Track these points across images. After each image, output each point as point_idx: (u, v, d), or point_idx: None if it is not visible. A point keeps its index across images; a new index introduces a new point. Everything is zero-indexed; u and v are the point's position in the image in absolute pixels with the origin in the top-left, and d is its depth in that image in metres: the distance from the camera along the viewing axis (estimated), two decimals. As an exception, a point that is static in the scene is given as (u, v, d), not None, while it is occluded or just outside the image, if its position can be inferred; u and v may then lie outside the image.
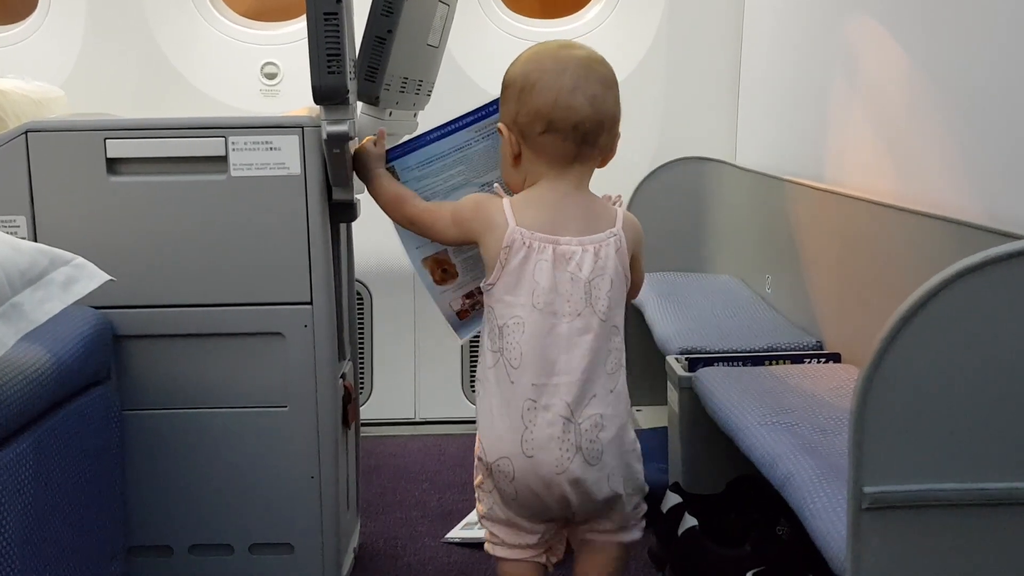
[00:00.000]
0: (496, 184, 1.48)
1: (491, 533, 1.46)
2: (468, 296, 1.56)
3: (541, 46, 1.43)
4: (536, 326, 1.35)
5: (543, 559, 1.46)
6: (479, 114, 1.52)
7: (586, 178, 1.43)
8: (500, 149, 1.46)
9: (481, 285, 1.42)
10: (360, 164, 1.56)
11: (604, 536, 1.45)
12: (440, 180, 1.54)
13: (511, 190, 1.46)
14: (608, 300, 1.38)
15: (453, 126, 1.53)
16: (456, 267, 1.56)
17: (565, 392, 1.35)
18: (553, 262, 1.35)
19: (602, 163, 1.44)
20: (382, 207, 1.53)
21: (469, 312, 1.57)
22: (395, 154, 1.54)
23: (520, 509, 1.41)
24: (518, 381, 1.36)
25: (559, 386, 1.35)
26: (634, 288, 1.47)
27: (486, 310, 1.42)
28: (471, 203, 1.44)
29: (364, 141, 1.57)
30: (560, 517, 1.42)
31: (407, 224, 1.51)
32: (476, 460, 1.46)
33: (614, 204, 1.45)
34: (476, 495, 1.48)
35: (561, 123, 1.36)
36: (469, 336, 1.60)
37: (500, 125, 1.42)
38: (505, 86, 1.42)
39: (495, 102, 1.49)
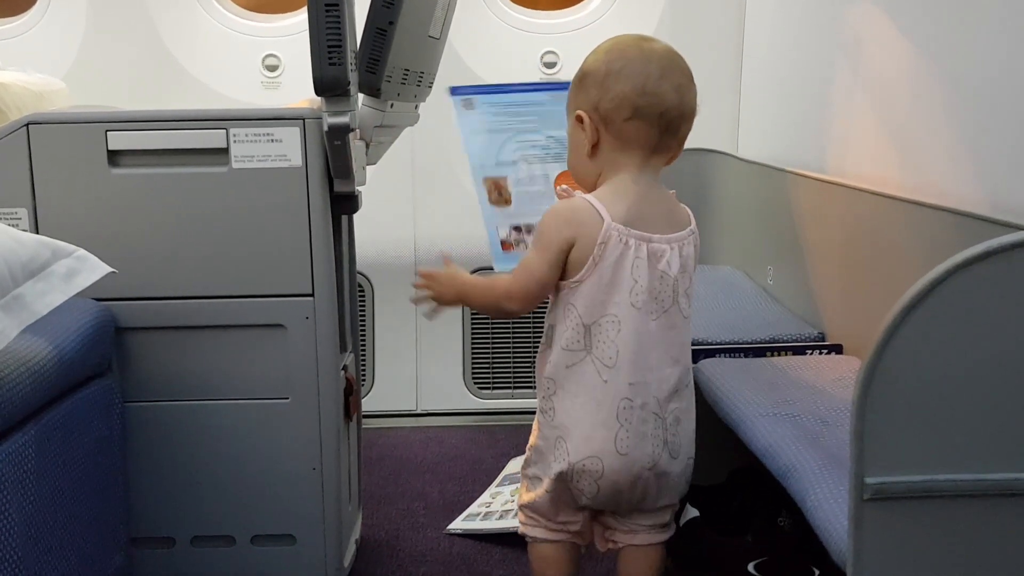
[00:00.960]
0: (562, 187, 1.46)
1: (529, 517, 1.47)
2: (517, 229, 1.58)
3: (620, 39, 1.41)
4: (634, 324, 1.34)
5: (579, 540, 1.48)
6: (557, 86, 1.57)
7: (660, 172, 1.42)
8: (571, 140, 1.43)
9: (563, 282, 1.37)
10: (455, 282, 1.45)
11: (650, 535, 1.46)
12: (516, 121, 1.59)
13: (581, 185, 1.42)
14: (687, 297, 1.40)
15: (532, 86, 1.60)
16: (511, 196, 1.59)
17: (656, 389, 1.36)
18: (647, 260, 1.35)
19: (669, 160, 1.42)
20: (480, 307, 1.53)
21: (513, 247, 1.58)
22: (480, 90, 1.59)
23: (596, 503, 1.41)
24: (613, 380, 1.35)
25: (651, 383, 1.36)
26: None
27: (561, 307, 1.38)
28: (550, 217, 1.38)
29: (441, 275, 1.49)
30: (626, 509, 1.43)
31: (523, 304, 1.41)
32: (532, 453, 1.45)
33: None
34: (522, 484, 1.49)
35: (648, 109, 1.35)
36: (505, 270, 1.56)
37: (580, 112, 1.38)
38: (584, 74, 1.39)
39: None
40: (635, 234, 1.34)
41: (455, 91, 1.63)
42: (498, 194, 1.60)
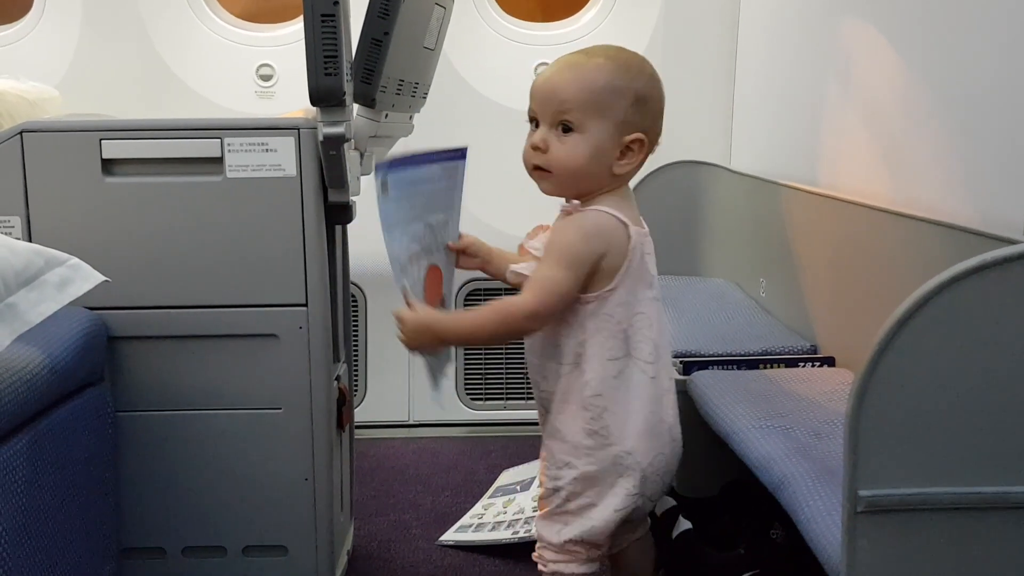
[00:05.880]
0: (563, 206, 1.40)
1: (570, 552, 1.41)
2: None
3: (650, 65, 1.39)
4: (658, 315, 1.39)
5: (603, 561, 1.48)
6: (449, 155, 1.48)
7: None
8: (595, 145, 1.36)
9: (589, 295, 1.34)
10: (427, 327, 1.36)
11: (645, 525, 1.51)
12: (409, 205, 1.41)
13: (574, 183, 1.38)
14: None
15: (432, 156, 1.46)
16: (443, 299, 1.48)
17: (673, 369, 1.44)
18: (653, 253, 1.40)
19: None
20: (486, 338, 1.40)
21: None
22: (397, 164, 1.40)
23: (647, 503, 1.43)
24: (659, 375, 1.38)
25: (671, 364, 1.44)
26: None
27: (593, 320, 1.35)
28: (578, 235, 1.34)
29: (407, 316, 1.37)
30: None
31: (545, 323, 1.36)
32: (575, 485, 1.38)
33: None
34: (556, 522, 1.41)
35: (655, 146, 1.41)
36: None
37: (640, 136, 1.35)
38: (644, 97, 1.35)
39: (462, 150, 1.49)
40: (643, 232, 1.38)
41: (378, 168, 1.37)
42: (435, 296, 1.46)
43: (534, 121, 1.39)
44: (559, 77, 1.36)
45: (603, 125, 1.34)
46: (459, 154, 1.50)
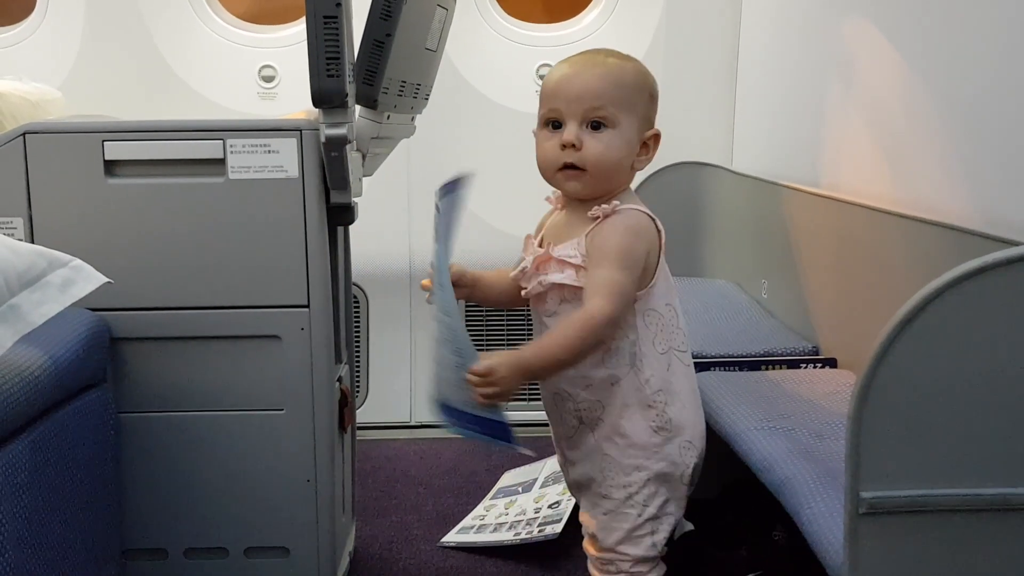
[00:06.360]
0: (602, 207, 1.34)
1: (655, 560, 1.39)
2: None
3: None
4: (680, 304, 1.40)
5: None
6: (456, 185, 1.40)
7: None
8: (621, 141, 1.34)
9: (637, 293, 1.33)
10: (522, 367, 1.31)
11: None
12: (452, 228, 1.40)
13: (605, 181, 1.35)
14: None
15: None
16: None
17: None
18: None
19: None
20: (576, 355, 1.31)
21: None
22: (448, 189, 1.36)
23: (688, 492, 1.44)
24: (690, 362, 1.41)
25: None
26: None
27: (640, 316, 1.34)
28: (632, 237, 1.32)
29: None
30: None
31: (615, 329, 1.32)
32: (653, 487, 1.36)
33: None
34: (642, 537, 1.37)
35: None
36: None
37: (659, 132, 1.37)
38: (655, 95, 1.38)
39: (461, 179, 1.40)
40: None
41: (441, 188, 1.37)
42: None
43: (552, 123, 1.35)
44: (587, 74, 1.33)
45: (631, 120, 1.34)
46: (459, 184, 1.40)
